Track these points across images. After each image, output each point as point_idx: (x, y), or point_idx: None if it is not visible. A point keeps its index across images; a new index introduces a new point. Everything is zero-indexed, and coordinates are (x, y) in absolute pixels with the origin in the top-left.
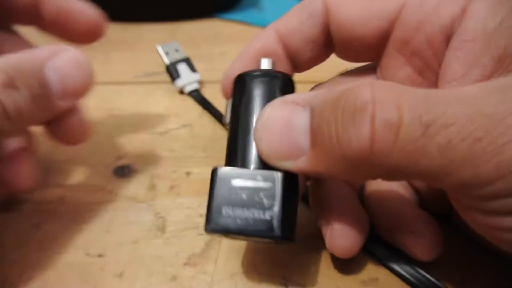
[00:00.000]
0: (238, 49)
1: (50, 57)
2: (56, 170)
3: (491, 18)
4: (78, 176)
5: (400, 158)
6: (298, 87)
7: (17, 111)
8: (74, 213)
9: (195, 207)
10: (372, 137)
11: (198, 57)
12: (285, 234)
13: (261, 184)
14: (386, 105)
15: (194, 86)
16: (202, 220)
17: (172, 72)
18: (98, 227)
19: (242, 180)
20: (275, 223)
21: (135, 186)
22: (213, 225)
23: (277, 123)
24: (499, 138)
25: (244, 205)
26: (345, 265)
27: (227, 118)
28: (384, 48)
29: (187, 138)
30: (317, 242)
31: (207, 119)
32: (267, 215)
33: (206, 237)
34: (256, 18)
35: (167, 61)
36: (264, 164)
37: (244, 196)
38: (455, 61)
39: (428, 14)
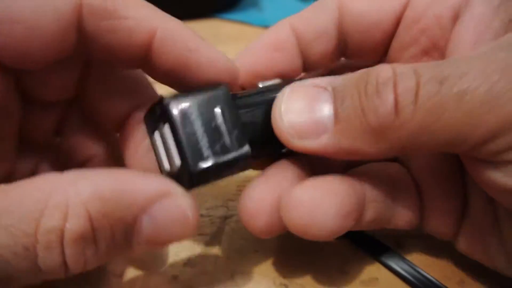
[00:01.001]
0: (238, 49)
1: (153, 202)
2: None
3: None
4: None
5: (423, 117)
6: None
7: (81, 266)
8: None
9: None
10: (396, 101)
11: None
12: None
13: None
14: (405, 75)
15: None
16: (202, 220)
17: None
18: None
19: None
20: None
21: None
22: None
23: (300, 102)
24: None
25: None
26: (345, 265)
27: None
28: (395, 32)
29: None
30: (317, 242)
31: None
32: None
33: (206, 237)
34: (255, 18)
35: None
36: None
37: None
38: (466, 32)
39: None
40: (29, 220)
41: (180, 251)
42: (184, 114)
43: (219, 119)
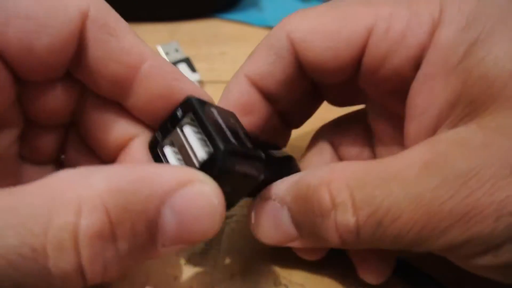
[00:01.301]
0: (238, 49)
1: (174, 191)
2: None
3: (454, 50)
4: None
5: (367, 245)
6: None
7: (100, 272)
8: None
9: None
10: (341, 238)
11: (198, 57)
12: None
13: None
14: (344, 210)
15: None
16: None
17: None
18: None
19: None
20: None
21: None
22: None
23: (267, 222)
24: (440, 224)
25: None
26: (345, 265)
27: None
28: (358, 72)
29: None
30: None
31: None
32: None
33: None
34: (256, 18)
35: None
36: None
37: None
38: (418, 96)
39: (396, 43)
40: (37, 218)
41: (180, 251)
42: (208, 109)
43: (236, 125)
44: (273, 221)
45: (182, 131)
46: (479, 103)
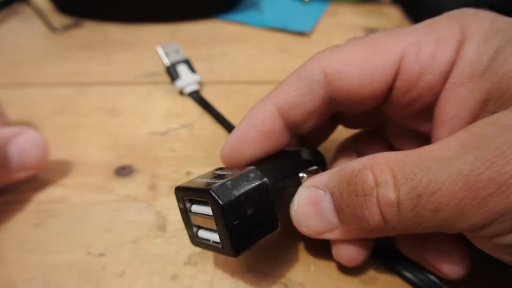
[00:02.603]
0: (238, 50)
1: (14, 136)
2: (58, 170)
3: (478, 60)
4: (79, 176)
5: (406, 224)
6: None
7: None
8: (75, 213)
9: None
10: (382, 216)
11: (198, 57)
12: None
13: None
14: (386, 187)
15: (194, 87)
16: None
17: (172, 73)
18: (99, 227)
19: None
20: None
21: (136, 186)
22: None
23: (309, 209)
24: (479, 193)
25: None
26: (345, 265)
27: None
28: (387, 98)
29: (188, 138)
30: (317, 242)
31: (207, 120)
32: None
33: None
34: (256, 19)
35: (167, 62)
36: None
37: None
38: (447, 103)
39: (427, 62)
40: None
41: (180, 250)
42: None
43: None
44: (314, 208)
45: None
46: (508, 95)
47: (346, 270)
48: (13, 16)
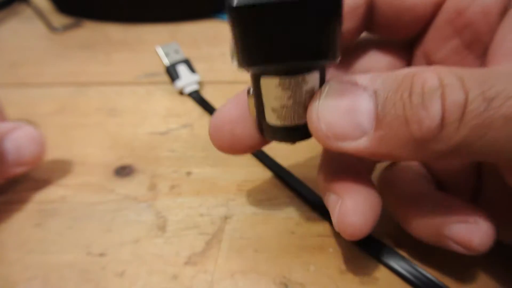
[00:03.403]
0: None
1: (10, 131)
2: (58, 170)
3: None
4: (79, 176)
5: (467, 133)
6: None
7: None
8: (75, 213)
9: (196, 207)
10: (443, 116)
11: (198, 57)
12: None
13: None
14: (453, 87)
15: (194, 87)
16: (202, 220)
17: (171, 73)
18: (99, 227)
19: None
20: None
21: (136, 186)
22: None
23: (340, 104)
24: None
25: None
26: (345, 265)
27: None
28: (433, 20)
29: (188, 138)
30: (317, 242)
31: (207, 120)
32: None
33: (207, 236)
34: None
35: (166, 62)
36: None
37: None
38: (509, 35)
39: None
40: None
41: (180, 250)
42: None
43: None
44: (347, 105)
45: None
46: None
47: (347, 270)
48: (13, 16)
